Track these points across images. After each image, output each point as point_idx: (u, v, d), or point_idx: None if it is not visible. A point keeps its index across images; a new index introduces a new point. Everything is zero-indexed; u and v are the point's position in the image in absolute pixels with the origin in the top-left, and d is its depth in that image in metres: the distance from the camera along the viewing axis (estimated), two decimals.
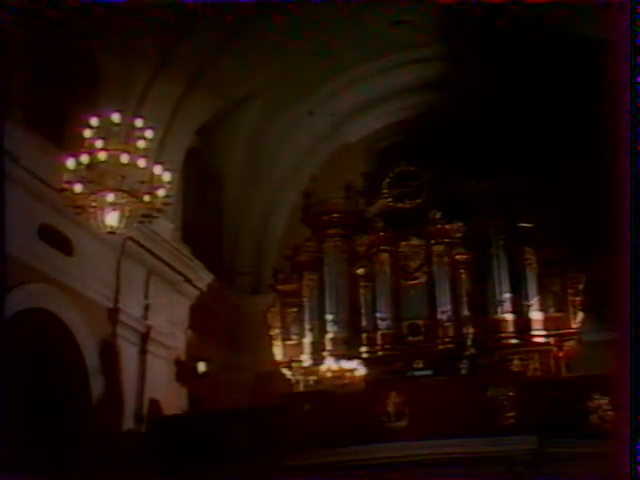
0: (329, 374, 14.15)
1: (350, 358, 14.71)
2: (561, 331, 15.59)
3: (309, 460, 12.21)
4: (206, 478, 12.59)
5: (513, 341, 15.65)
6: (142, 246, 14.06)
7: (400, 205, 16.82)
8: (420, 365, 15.33)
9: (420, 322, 15.92)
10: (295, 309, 16.76)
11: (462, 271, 16.03)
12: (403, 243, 16.44)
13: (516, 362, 15.47)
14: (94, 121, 9.09)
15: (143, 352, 14.14)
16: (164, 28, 13.49)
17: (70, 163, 8.89)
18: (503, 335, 15.67)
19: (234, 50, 15.05)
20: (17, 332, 10.42)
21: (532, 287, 15.80)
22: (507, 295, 15.78)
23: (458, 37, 16.16)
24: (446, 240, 16.20)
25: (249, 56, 15.43)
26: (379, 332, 15.92)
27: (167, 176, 9.27)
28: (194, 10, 12.85)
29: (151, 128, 9.45)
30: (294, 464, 12.14)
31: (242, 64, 15.58)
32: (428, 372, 15.02)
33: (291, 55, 16.22)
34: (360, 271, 16.45)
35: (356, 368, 14.19)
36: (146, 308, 14.35)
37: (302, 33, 15.51)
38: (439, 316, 15.78)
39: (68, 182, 8.92)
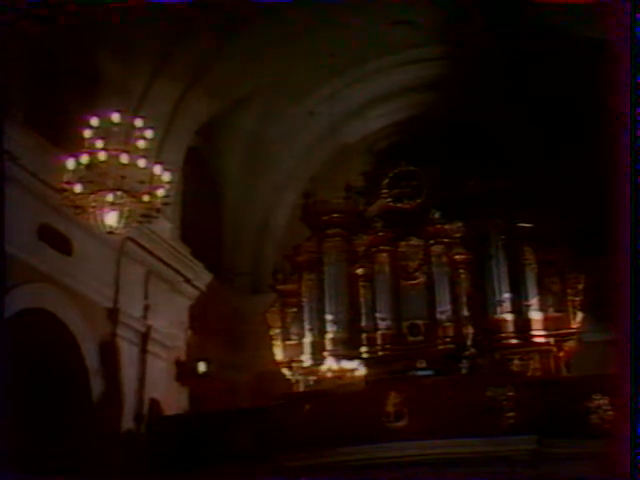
0: (329, 374, 14.16)
1: (350, 358, 14.73)
2: (561, 331, 15.63)
3: (309, 460, 12.18)
4: (206, 478, 12.58)
5: (513, 341, 15.69)
6: (142, 246, 14.04)
7: (400, 205, 16.85)
8: (420, 365, 15.33)
9: (420, 322, 15.94)
10: (295, 309, 16.79)
11: (462, 271, 16.05)
12: (403, 243, 16.46)
13: (516, 362, 15.49)
14: (94, 121, 9.07)
15: (143, 352, 14.12)
16: (164, 28, 13.49)
17: (70, 163, 8.88)
18: (503, 335, 15.70)
19: (234, 50, 15.03)
20: (17, 332, 10.39)
21: (532, 287, 15.83)
22: (507, 295, 15.80)
23: (458, 37, 16.15)
24: (446, 240, 16.22)
25: (249, 56, 15.42)
26: (379, 332, 15.93)
27: (167, 176, 9.25)
28: (194, 10, 12.85)
29: (151, 128, 9.43)
30: (294, 464, 12.12)
31: (242, 64, 15.58)
32: (428, 372, 15.02)
33: (291, 55, 16.22)
34: (360, 271, 16.47)
35: (356, 368, 14.20)
36: (146, 308, 14.32)
37: (302, 33, 15.51)
38: (439, 316, 15.80)
39: (68, 182, 8.90)
